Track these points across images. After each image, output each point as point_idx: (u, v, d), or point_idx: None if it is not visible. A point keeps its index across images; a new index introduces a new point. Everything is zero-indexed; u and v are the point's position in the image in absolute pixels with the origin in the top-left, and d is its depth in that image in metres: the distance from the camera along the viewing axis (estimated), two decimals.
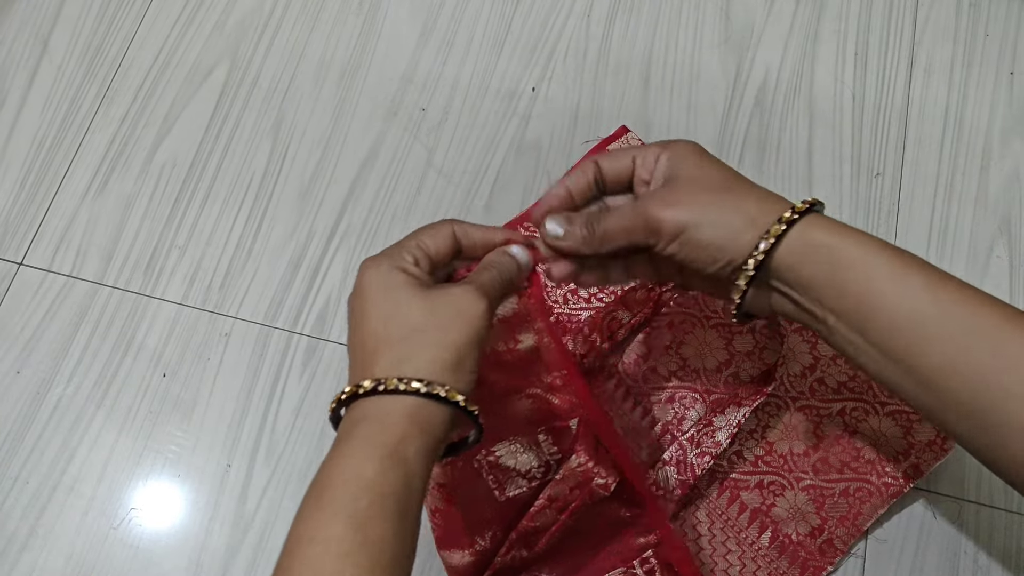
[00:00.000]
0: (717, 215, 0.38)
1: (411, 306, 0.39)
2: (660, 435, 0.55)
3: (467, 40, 0.68)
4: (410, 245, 0.41)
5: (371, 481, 0.35)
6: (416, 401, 0.37)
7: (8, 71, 0.68)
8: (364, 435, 0.36)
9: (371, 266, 0.40)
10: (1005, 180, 0.63)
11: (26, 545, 0.56)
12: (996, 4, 0.68)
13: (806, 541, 0.53)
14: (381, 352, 0.38)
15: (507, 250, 0.44)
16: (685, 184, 0.39)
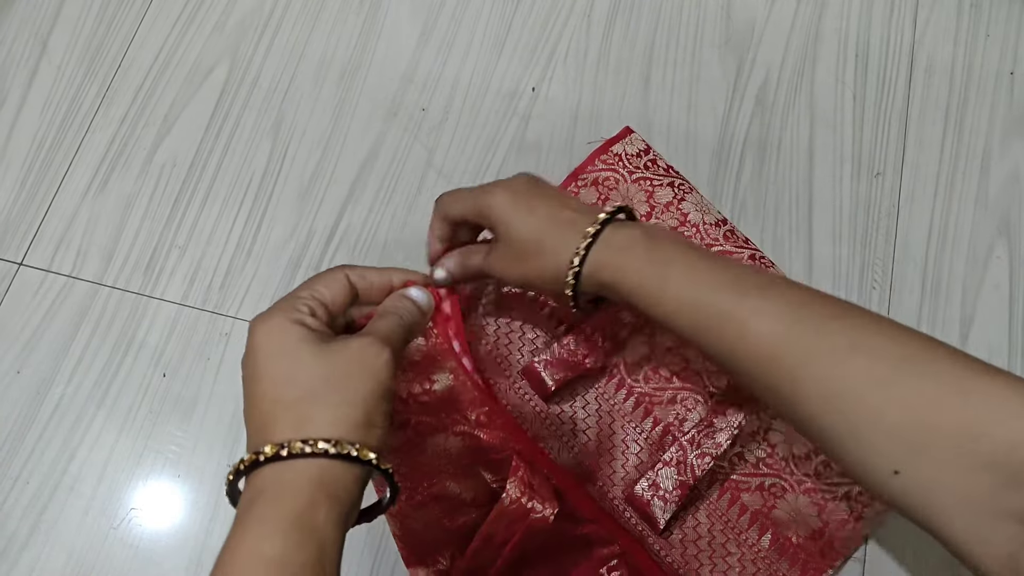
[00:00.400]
0: (537, 278, 0.46)
1: (309, 363, 0.36)
2: (662, 435, 0.55)
3: (467, 40, 0.68)
4: (304, 296, 0.40)
5: (278, 560, 0.32)
6: (323, 464, 0.34)
7: (8, 71, 0.68)
8: (263, 509, 0.34)
9: (262, 322, 0.38)
10: (1005, 180, 0.63)
11: (26, 545, 0.56)
12: (997, 5, 0.68)
13: (807, 544, 0.53)
14: (279, 415, 0.35)
15: (405, 293, 0.44)
16: (507, 248, 0.46)
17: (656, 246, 0.44)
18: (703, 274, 0.42)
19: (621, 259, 0.44)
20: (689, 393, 0.56)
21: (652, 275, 0.43)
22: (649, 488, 0.53)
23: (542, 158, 0.64)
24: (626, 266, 0.44)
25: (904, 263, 0.61)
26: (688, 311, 0.42)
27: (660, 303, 0.43)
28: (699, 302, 0.41)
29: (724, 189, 0.63)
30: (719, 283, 0.42)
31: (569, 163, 0.63)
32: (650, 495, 0.53)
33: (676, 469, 0.53)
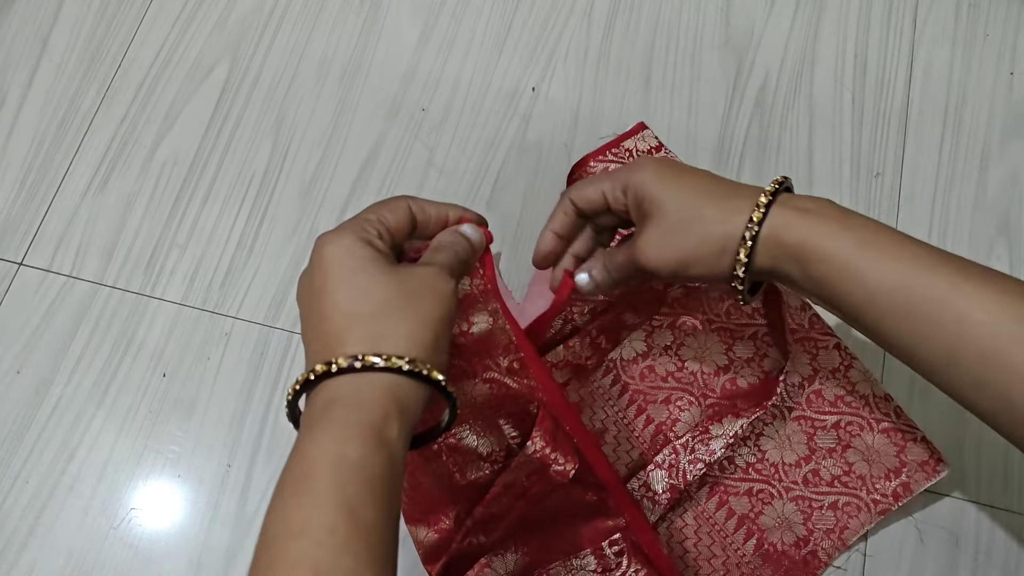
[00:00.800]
0: (695, 257, 0.41)
1: (382, 280, 0.36)
2: (654, 435, 0.55)
3: (468, 40, 0.68)
4: (372, 219, 0.39)
5: (357, 464, 0.32)
6: (396, 379, 0.35)
7: (8, 70, 0.67)
8: (342, 416, 0.33)
9: (332, 240, 0.37)
10: (1005, 180, 0.63)
11: (26, 544, 0.56)
12: (995, 5, 0.68)
13: (790, 551, 0.53)
14: (352, 328, 0.35)
15: (459, 229, 0.43)
16: (657, 227, 0.42)
17: (848, 213, 0.40)
18: (909, 250, 0.38)
19: (809, 222, 0.39)
20: (683, 395, 0.56)
21: (850, 244, 0.38)
22: (640, 488, 0.53)
23: (542, 158, 0.64)
24: (816, 230, 0.39)
25: None
26: (894, 291, 0.37)
27: (858, 278, 0.38)
28: (910, 283, 0.37)
29: None
30: (930, 263, 0.37)
31: (569, 163, 0.63)
32: (640, 495, 0.52)
33: (667, 472, 0.53)
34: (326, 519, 0.31)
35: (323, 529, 0.31)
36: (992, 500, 0.55)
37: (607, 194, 0.44)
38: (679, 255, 0.41)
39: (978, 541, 0.55)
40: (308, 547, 0.30)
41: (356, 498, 0.32)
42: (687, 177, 0.42)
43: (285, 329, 0.60)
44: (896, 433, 0.54)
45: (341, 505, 0.31)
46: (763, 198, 0.40)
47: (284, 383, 0.59)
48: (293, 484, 0.33)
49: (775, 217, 0.40)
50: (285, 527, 0.31)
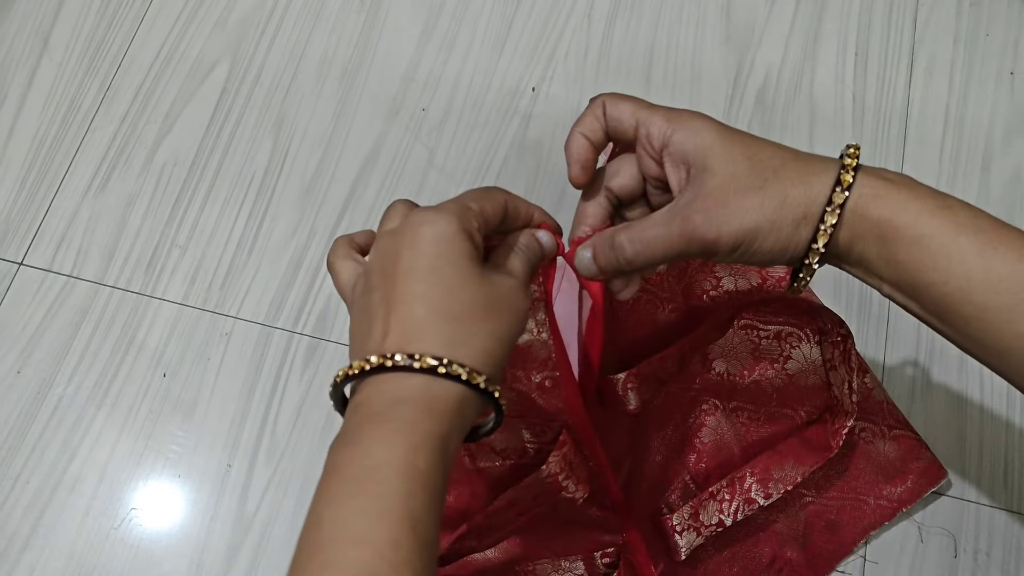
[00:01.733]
0: (770, 223, 0.35)
1: (474, 283, 0.34)
2: (681, 442, 0.55)
3: (468, 39, 0.68)
4: (474, 209, 0.36)
5: (424, 475, 0.31)
6: (466, 393, 0.33)
7: (8, 69, 0.67)
8: (415, 421, 0.31)
9: (435, 221, 0.34)
10: (1006, 180, 0.63)
11: (27, 544, 0.56)
12: (996, 4, 0.68)
13: (797, 558, 0.54)
14: (435, 326, 0.33)
15: (536, 234, 0.40)
16: (722, 188, 0.35)
17: (939, 192, 0.34)
18: (1015, 238, 0.33)
19: (902, 196, 0.34)
20: (709, 398, 0.55)
21: (950, 226, 0.33)
22: (689, 519, 0.52)
23: (543, 157, 0.64)
24: (911, 205, 0.34)
25: None
26: (1000, 284, 0.33)
27: (956, 266, 0.33)
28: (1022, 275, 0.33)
29: None
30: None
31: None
32: (687, 524, 0.52)
33: (719, 504, 0.52)
34: (390, 531, 0.29)
35: (386, 542, 0.29)
36: (992, 500, 0.55)
37: (640, 125, 0.37)
38: (753, 220, 0.34)
39: (978, 541, 0.55)
40: (370, 558, 0.29)
41: (419, 512, 0.30)
42: (750, 138, 0.36)
43: (285, 329, 0.60)
44: (905, 440, 0.54)
45: (405, 518, 0.30)
46: (850, 161, 0.34)
47: (284, 383, 0.59)
48: (356, 483, 0.30)
49: (863, 185, 0.34)
50: (345, 530, 0.29)
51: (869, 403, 0.55)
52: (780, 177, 0.35)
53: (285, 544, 0.55)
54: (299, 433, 0.58)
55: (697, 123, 0.36)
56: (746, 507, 0.52)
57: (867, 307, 0.60)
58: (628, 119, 0.38)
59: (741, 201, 0.34)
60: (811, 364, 0.54)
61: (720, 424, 0.55)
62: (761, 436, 0.55)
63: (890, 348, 0.59)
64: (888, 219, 0.34)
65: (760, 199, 0.34)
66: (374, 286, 0.35)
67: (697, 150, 0.35)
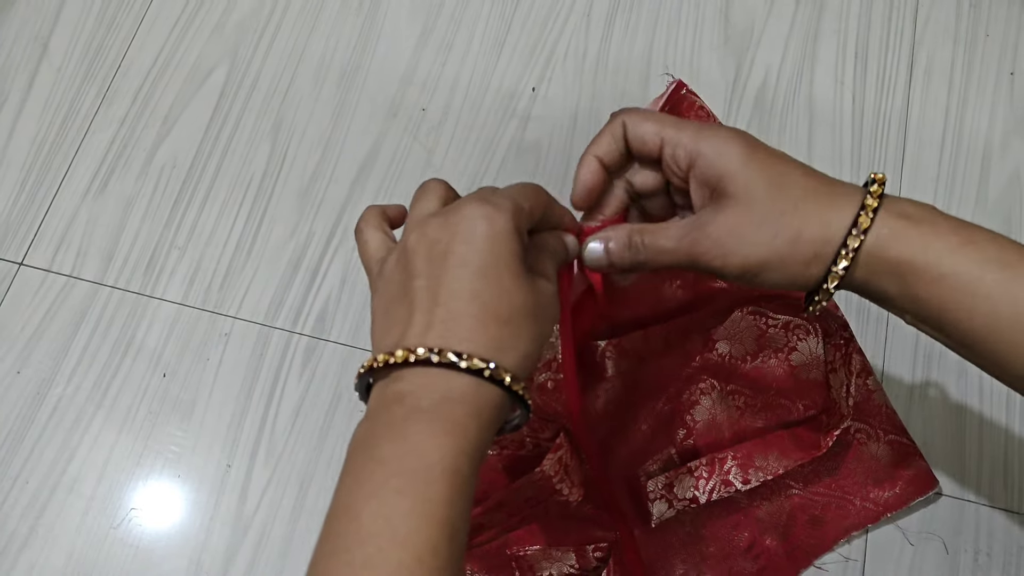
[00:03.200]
0: (779, 259, 0.34)
1: (521, 287, 0.33)
2: (670, 415, 0.54)
3: (467, 40, 0.68)
4: (525, 208, 0.35)
5: (465, 481, 0.30)
6: (504, 397, 0.32)
7: (8, 72, 0.68)
8: (464, 424, 0.31)
9: (489, 216, 0.33)
10: (1005, 180, 0.63)
11: (26, 544, 0.56)
12: (996, 5, 0.68)
13: (776, 547, 0.53)
14: (484, 328, 0.32)
15: (565, 238, 0.39)
16: (737, 218, 0.34)
17: (964, 223, 0.33)
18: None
19: (921, 233, 0.33)
20: (707, 378, 0.55)
21: (975, 263, 0.32)
22: (662, 488, 0.52)
23: (542, 158, 0.64)
24: (932, 245, 0.33)
25: None
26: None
27: (983, 303, 0.32)
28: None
29: None
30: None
31: (569, 163, 0.63)
32: (660, 494, 0.52)
33: (695, 481, 0.52)
34: (432, 536, 0.29)
35: (427, 547, 0.29)
36: (992, 500, 0.55)
37: (666, 144, 0.36)
38: (761, 255, 0.34)
39: (978, 541, 0.54)
40: (411, 563, 0.28)
41: (457, 519, 0.30)
42: (778, 162, 0.35)
43: (284, 329, 0.60)
44: (899, 445, 0.54)
45: (446, 524, 0.29)
46: (871, 200, 0.33)
47: (283, 383, 0.59)
48: (404, 481, 0.30)
49: (881, 226, 0.33)
50: (390, 530, 0.29)
51: (869, 405, 0.55)
52: (798, 212, 0.34)
53: (284, 544, 0.55)
54: (298, 433, 0.58)
55: (723, 146, 0.35)
56: (722, 488, 0.51)
57: (867, 308, 0.60)
58: (653, 139, 0.37)
59: (753, 234, 0.34)
60: (815, 359, 0.54)
61: (715, 405, 0.55)
62: (755, 423, 0.55)
63: (890, 348, 0.59)
64: (908, 260, 0.33)
65: (773, 234, 0.34)
66: (418, 271, 0.33)
67: (720, 176, 0.35)
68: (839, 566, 0.54)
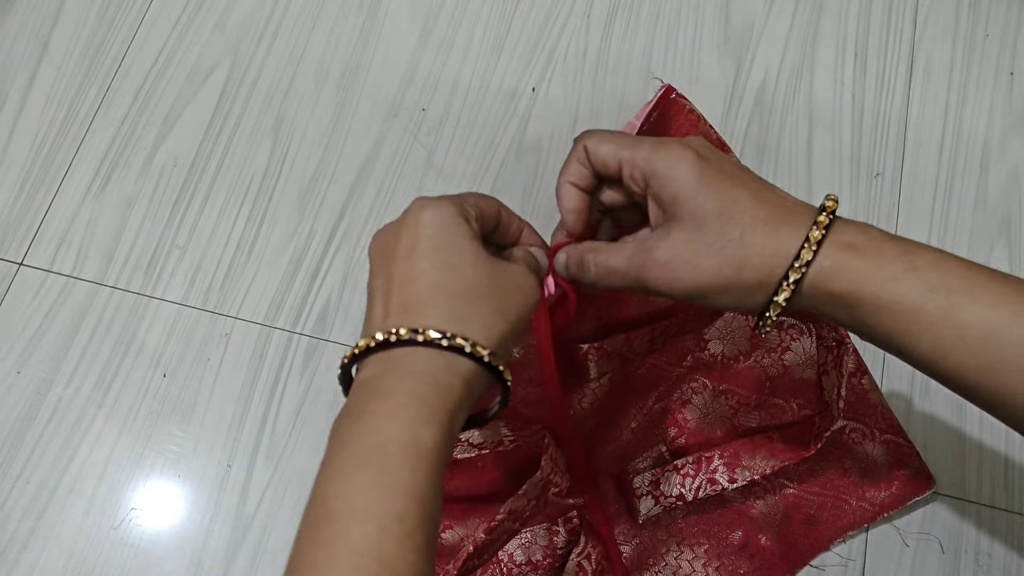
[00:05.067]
0: (722, 287, 0.35)
1: (476, 262, 0.34)
2: (661, 413, 0.54)
3: (467, 40, 0.68)
4: (471, 201, 0.37)
5: (430, 450, 0.31)
6: (471, 368, 0.33)
7: (8, 71, 0.68)
8: (421, 395, 0.31)
9: (432, 207, 0.35)
10: (1005, 180, 0.63)
11: (27, 545, 0.56)
12: (996, 5, 0.68)
13: (772, 546, 0.53)
14: (438, 302, 0.33)
15: (531, 251, 0.40)
16: (683, 243, 0.35)
17: (909, 247, 0.34)
18: (991, 292, 0.33)
19: (865, 264, 0.34)
20: (699, 377, 0.55)
21: (918, 290, 0.33)
22: (648, 485, 0.52)
23: (542, 158, 0.64)
24: (874, 275, 0.33)
25: None
26: (975, 344, 0.32)
27: (930, 330, 0.33)
28: (996, 333, 0.32)
29: None
30: (1018, 308, 0.32)
31: None
32: (646, 491, 0.52)
33: (682, 479, 0.52)
34: (395, 505, 0.29)
35: (391, 516, 0.29)
36: (993, 501, 0.55)
37: (624, 165, 0.37)
38: (707, 281, 0.35)
39: (979, 542, 0.54)
40: (374, 533, 0.29)
41: (425, 486, 0.30)
42: (730, 185, 0.35)
43: (285, 329, 0.60)
44: (894, 445, 0.54)
45: (412, 492, 0.30)
46: (816, 232, 0.34)
47: (284, 383, 0.59)
48: (361, 458, 0.30)
49: (823, 257, 0.34)
50: (350, 505, 0.30)
51: (864, 404, 0.55)
52: (744, 241, 0.34)
53: (285, 544, 0.55)
54: (299, 432, 0.58)
55: (675, 168, 0.35)
56: (708, 486, 0.51)
57: None
58: (611, 160, 0.38)
59: (699, 261, 0.35)
60: (809, 358, 0.54)
61: (707, 404, 0.55)
62: (748, 423, 0.55)
63: None
64: (851, 291, 0.34)
65: (719, 262, 0.35)
66: (375, 272, 0.35)
67: (672, 199, 0.35)
68: (839, 567, 0.54)
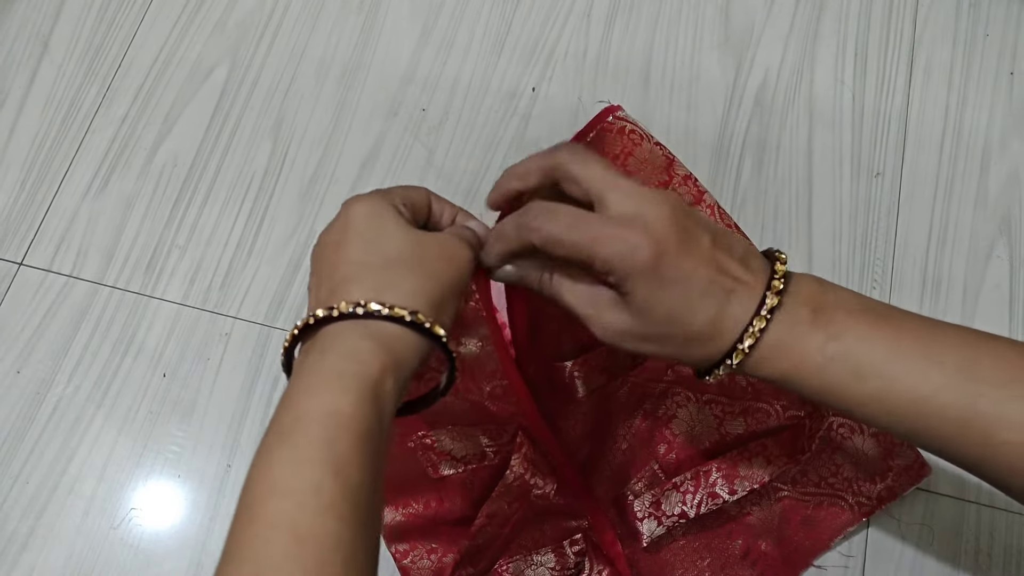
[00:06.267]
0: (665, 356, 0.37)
1: (399, 237, 0.35)
2: (649, 432, 0.55)
3: (467, 40, 0.68)
4: (397, 191, 0.39)
5: (349, 419, 0.31)
6: (395, 331, 0.33)
7: (8, 71, 0.68)
8: (338, 366, 0.32)
9: (358, 200, 0.37)
10: (1005, 180, 0.63)
11: (26, 545, 0.56)
12: (996, 5, 0.68)
13: (772, 551, 0.53)
14: (361, 276, 0.34)
15: (470, 225, 0.41)
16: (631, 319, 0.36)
17: (841, 328, 0.35)
18: (911, 359, 0.34)
19: (791, 346, 0.35)
20: (681, 390, 0.55)
21: (836, 377, 0.35)
22: (650, 507, 0.52)
23: None
24: (800, 367, 0.35)
25: (904, 263, 0.61)
26: (904, 418, 0.34)
27: (855, 405, 0.35)
28: (920, 402, 0.34)
29: (724, 189, 0.63)
30: (939, 380, 0.34)
31: None
32: (647, 512, 0.52)
33: (682, 496, 0.52)
34: (312, 478, 0.29)
35: (307, 489, 0.29)
36: (992, 501, 0.55)
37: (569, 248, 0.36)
38: (649, 352, 0.37)
39: (979, 542, 0.54)
40: (290, 508, 0.29)
41: (345, 456, 0.30)
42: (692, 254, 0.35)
43: (285, 329, 0.60)
44: (885, 437, 0.54)
45: (328, 463, 0.30)
46: (757, 323, 0.35)
47: (284, 383, 0.59)
48: (279, 437, 0.31)
49: (758, 349, 0.35)
50: (268, 483, 0.30)
51: None
52: (687, 343, 0.36)
53: None
54: None
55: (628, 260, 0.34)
56: (710, 501, 0.51)
57: None
58: (582, 197, 0.37)
59: (643, 341, 0.36)
60: None
61: (692, 416, 0.55)
62: (735, 429, 0.55)
63: None
64: (780, 376, 0.36)
65: (661, 342, 0.36)
66: (313, 270, 0.37)
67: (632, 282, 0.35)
68: (839, 568, 0.54)
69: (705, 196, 0.57)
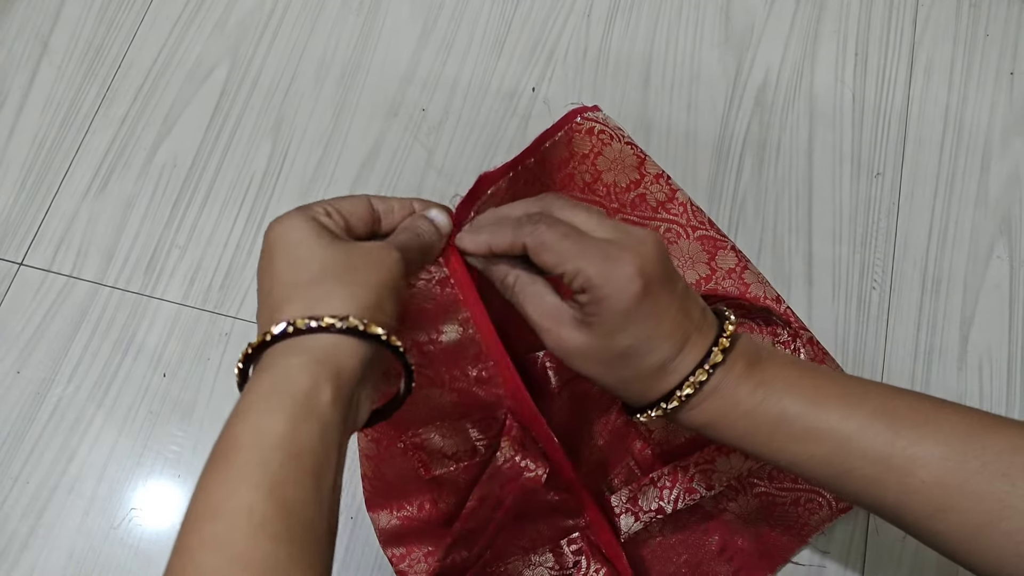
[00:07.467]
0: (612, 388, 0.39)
1: (322, 251, 0.35)
2: (624, 426, 0.54)
3: (467, 40, 0.68)
4: (321, 202, 0.39)
5: (280, 439, 0.31)
6: (331, 342, 0.33)
7: (8, 71, 0.68)
8: (267, 386, 0.32)
9: (277, 222, 0.37)
10: (1005, 180, 0.63)
11: (26, 545, 0.56)
12: (996, 4, 0.68)
13: (749, 547, 0.53)
14: (289, 298, 0.34)
15: (425, 213, 0.41)
16: (596, 350, 0.38)
17: (764, 369, 0.38)
18: (834, 403, 0.36)
19: (723, 392, 0.38)
20: None
21: (768, 411, 0.37)
22: (627, 502, 0.52)
23: None
24: (733, 404, 0.38)
25: (904, 263, 0.61)
26: (827, 455, 0.36)
27: (780, 447, 0.37)
28: (843, 442, 0.36)
29: (724, 189, 0.63)
30: (860, 411, 0.36)
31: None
32: (624, 508, 0.52)
33: (659, 491, 0.52)
34: (244, 499, 0.29)
35: (239, 510, 0.29)
36: None
37: (567, 273, 0.37)
38: (601, 381, 0.39)
39: None
40: (222, 530, 0.29)
41: (279, 475, 0.30)
42: (664, 301, 0.37)
43: None
44: None
45: (261, 483, 0.30)
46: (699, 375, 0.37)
47: None
48: (214, 463, 0.31)
49: (697, 414, 0.38)
50: (202, 507, 0.30)
51: None
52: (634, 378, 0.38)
53: None
54: None
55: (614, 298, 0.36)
56: (687, 496, 0.51)
57: (866, 307, 0.60)
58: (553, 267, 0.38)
59: (602, 368, 0.38)
60: None
61: None
62: None
63: (890, 348, 0.59)
64: (707, 421, 0.38)
65: (617, 373, 0.38)
66: (259, 295, 0.37)
67: (608, 317, 0.36)
68: (840, 566, 0.54)
69: (678, 194, 0.56)
